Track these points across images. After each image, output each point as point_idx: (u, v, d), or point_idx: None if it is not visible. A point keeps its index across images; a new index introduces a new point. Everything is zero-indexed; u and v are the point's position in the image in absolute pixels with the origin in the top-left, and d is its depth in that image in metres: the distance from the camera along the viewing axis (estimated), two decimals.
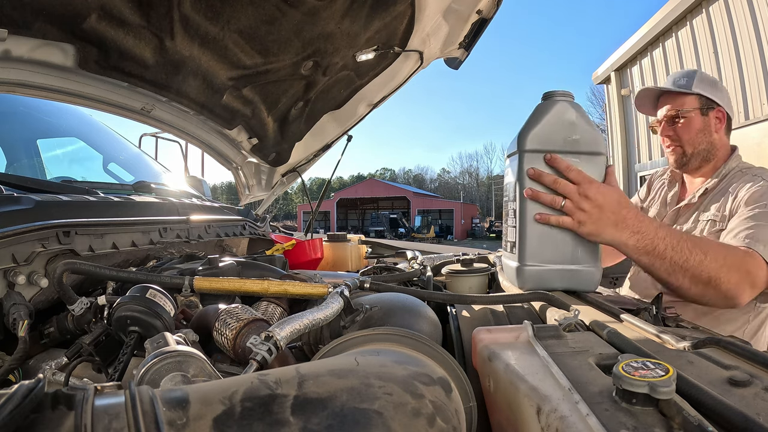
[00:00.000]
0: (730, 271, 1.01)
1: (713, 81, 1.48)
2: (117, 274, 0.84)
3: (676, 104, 1.47)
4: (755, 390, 0.44)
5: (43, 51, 1.24)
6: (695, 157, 1.46)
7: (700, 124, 1.44)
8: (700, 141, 1.45)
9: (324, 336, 0.82)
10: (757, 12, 4.11)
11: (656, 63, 5.81)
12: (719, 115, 1.45)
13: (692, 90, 1.43)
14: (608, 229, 0.94)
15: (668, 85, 1.50)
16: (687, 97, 1.45)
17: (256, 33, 1.44)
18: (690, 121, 1.44)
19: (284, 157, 2.26)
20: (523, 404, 0.48)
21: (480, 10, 1.68)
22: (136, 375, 0.51)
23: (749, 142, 4.28)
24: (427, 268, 1.39)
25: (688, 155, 1.47)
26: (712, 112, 1.44)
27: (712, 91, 1.44)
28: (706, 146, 1.45)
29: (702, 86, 1.44)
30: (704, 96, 1.43)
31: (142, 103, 1.65)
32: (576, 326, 0.71)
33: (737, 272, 1.02)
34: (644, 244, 0.96)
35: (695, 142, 1.45)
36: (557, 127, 0.94)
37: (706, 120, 1.44)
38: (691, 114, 1.44)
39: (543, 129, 0.94)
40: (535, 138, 0.95)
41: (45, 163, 1.84)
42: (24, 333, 0.72)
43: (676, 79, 1.49)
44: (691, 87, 1.44)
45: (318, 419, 0.36)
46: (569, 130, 0.94)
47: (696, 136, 1.44)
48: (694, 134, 1.44)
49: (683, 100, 1.46)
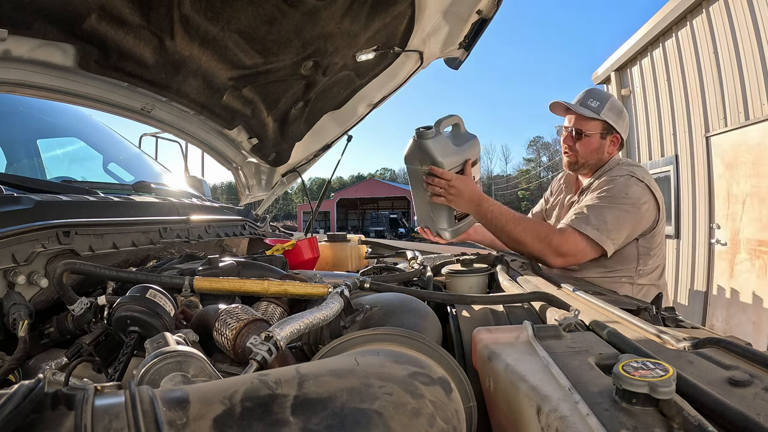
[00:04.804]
0: (534, 240, 1.52)
1: (620, 110, 1.72)
2: (117, 274, 0.84)
3: (582, 123, 1.70)
4: (755, 390, 0.44)
5: (43, 51, 1.24)
6: (584, 166, 1.75)
7: (597, 145, 1.71)
8: (592, 157, 1.72)
9: (324, 336, 0.82)
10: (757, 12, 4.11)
11: (656, 63, 5.80)
12: (614, 140, 1.72)
13: (600, 116, 1.66)
14: (463, 204, 1.55)
15: (582, 104, 1.70)
16: (594, 121, 1.68)
17: (256, 33, 1.44)
18: (589, 141, 1.70)
19: (284, 157, 2.26)
20: (523, 404, 0.48)
21: (480, 10, 1.68)
22: (136, 375, 0.51)
23: (749, 142, 4.27)
24: (427, 268, 1.39)
25: (579, 164, 1.75)
26: (609, 137, 1.71)
27: (616, 120, 1.68)
28: (595, 162, 1.73)
29: (610, 115, 1.68)
30: (608, 122, 1.68)
31: (142, 103, 1.65)
32: (576, 326, 0.71)
33: (540, 242, 1.51)
34: (481, 214, 1.57)
35: (588, 157, 1.72)
36: (424, 153, 1.51)
37: (603, 143, 1.71)
38: (592, 136, 1.70)
39: (427, 153, 1.50)
40: (421, 160, 1.54)
41: (45, 163, 1.84)
42: (24, 333, 0.72)
43: (591, 100, 1.70)
44: (600, 113, 1.67)
45: (318, 419, 0.36)
46: (437, 154, 1.51)
47: (590, 154, 1.72)
48: (589, 152, 1.72)
49: (589, 122, 1.69)
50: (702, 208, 5.05)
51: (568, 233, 1.52)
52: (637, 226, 1.55)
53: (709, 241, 4.94)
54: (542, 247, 1.52)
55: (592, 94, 1.72)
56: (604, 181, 1.61)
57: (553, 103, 1.78)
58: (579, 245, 1.51)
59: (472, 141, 1.61)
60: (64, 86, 1.39)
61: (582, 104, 1.70)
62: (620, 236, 1.52)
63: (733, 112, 4.51)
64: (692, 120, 5.17)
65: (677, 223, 5.50)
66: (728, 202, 4.62)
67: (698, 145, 5.07)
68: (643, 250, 1.60)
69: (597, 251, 1.52)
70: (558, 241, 1.51)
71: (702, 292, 5.06)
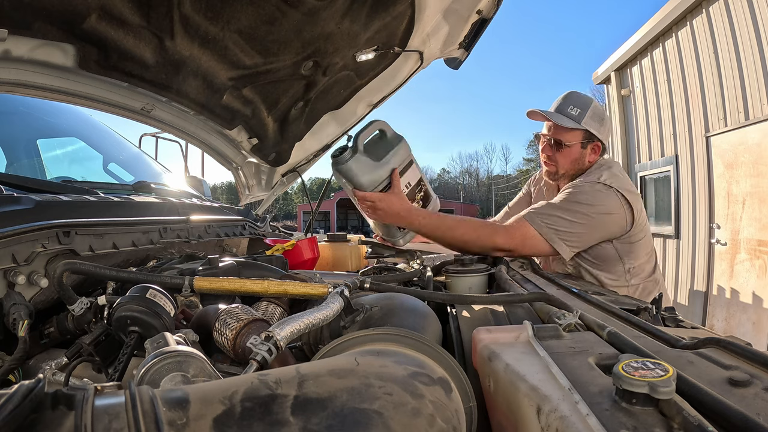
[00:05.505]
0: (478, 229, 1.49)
1: (602, 117, 1.64)
2: (117, 274, 0.84)
3: (562, 132, 1.62)
4: (755, 390, 0.44)
5: (43, 51, 1.24)
6: (564, 176, 1.70)
7: (577, 155, 1.64)
8: (573, 167, 1.67)
9: (324, 336, 0.82)
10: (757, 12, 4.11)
11: (656, 63, 5.80)
12: (596, 147, 1.65)
13: (581, 125, 1.59)
14: (393, 220, 1.55)
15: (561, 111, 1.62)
16: (574, 130, 1.60)
17: (256, 33, 1.44)
18: (569, 152, 1.64)
19: (284, 157, 2.26)
20: (523, 404, 0.48)
21: (480, 10, 1.68)
22: (136, 375, 0.51)
23: (749, 143, 4.27)
24: (427, 268, 1.39)
25: (559, 174, 1.70)
26: (591, 145, 1.64)
27: (597, 128, 1.61)
28: (575, 171, 1.67)
29: (592, 123, 1.60)
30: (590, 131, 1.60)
31: (142, 103, 1.65)
32: (576, 326, 0.71)
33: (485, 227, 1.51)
34: (414, 228, 1.56)
35: (568, 167, 1.67)
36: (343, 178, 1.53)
37: (583, 152, 1.64)
38: (572, 146, 1.63)
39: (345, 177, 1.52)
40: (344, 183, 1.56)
41: (45, 163, 1.84)
42: (24, 333, 0.72)
43: (570, 107, 1.61)
44: (581, 121, 1.59)
45: (318, 419, 0.36)
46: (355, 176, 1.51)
47: (570, 164, 1.66)
48: (569, 162, 1.66)
49: (570, 132, 1.61)
50: (702, 208, 5.05)
51: (520, 222, 1.50)
52: (598, 232, 1.51)
53: (709, 241, 4.94)
54: (489, 231, 1.49)
55: (572, 100, 1.62)
56: (573, 184, 1.57)
57: (530, 112, 1.70)
58: (528, 232, 1.47)
59: (398, 146, 1.55)
60: (64, 86, 1.39)
61: (561, 111, 1.62)
62: (577, 240, 1.49)
63: (733, 112, 4.51)
64: (692, 120, 5.18)
65: (677, 223, 5.51)
66: (728, 202, 4.62)
67: (698, 145, 5.08)
68: (623, 249, 1.56)
69: (547, 248, 1.49)
70: (505, 227, 1.50)
71: (702, 292, 5.06)
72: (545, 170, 1.74)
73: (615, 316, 0.79)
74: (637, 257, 1.58)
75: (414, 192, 1.65)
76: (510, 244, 1.47)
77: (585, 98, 1.65)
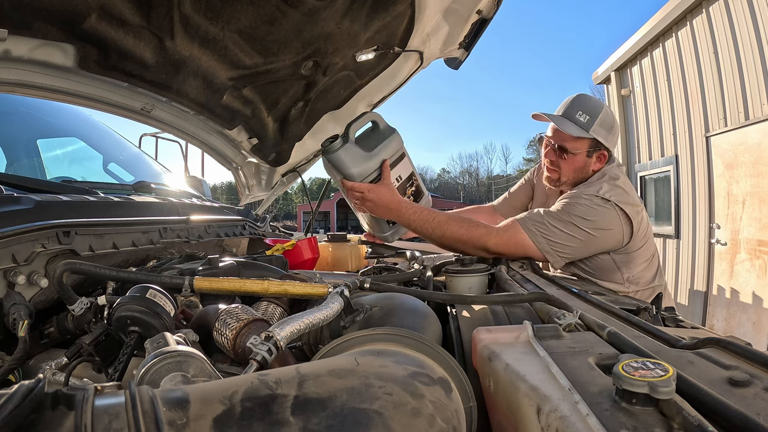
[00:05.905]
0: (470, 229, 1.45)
1: (611, 125, 1.55)
2: (117, 274, 0.84)
3: (568, 139, 1.54)
4: (755, 390, 0.44)
5: (43, 51, 1.24)
6: (566, 184, 1.63)
7: (582, 163, 1.56)
8: (576, 176, 1.59)
9: (324, 336, 0.82)
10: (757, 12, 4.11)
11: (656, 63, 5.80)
12: (601, 156, 1.56)
13: (590, 134, 1.50)
14: (382, 213, 1.52)
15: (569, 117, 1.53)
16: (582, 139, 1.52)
17: (256, 33, 1.44)
18: (574, 160, 1.56)
19: (284, 157, 2.26)
20: (523, 404, 0.48)
21: (480, 10, 1.68)
22: (136, 375, 0.51)
23: (749, 143, 4.27)
24: (427, 268, 1.39)
25: (561, 182, 1.63)
26: (596, 153, 1.55)
27: (606, 136, 1.53)
28: (578, 179, 1.60)
29: (600, 131, 1.51)
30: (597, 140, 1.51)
31: (142, 103, 1.65)
32: (576, 326, 0.71)
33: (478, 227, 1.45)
34: (404, 221, 1.52)
35: (570, 176, 1.60)
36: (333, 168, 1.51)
37: (588, 161, 1.56)
38: (578, 154, 1.55)
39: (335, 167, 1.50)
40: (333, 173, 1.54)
41: (45, 163, 1.84)
42: (24, 333, 0.72)
43: (579, 113, 1.52)
44: (589, 129, 1.50)
45: (318, 419, 0.36)
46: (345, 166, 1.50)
47: (574, 172, 1.59)
48: (572, 171, 1.59)
49: (577, 140, 1.53)
50: (702, 208, 5.05)
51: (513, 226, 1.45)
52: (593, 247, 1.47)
53: (709, 241, 4.94)
54: (482, 232, 1.44)
55: (581, 105, 1.53)
56: (571, 194, 1.50)
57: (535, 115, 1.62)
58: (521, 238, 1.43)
59: (390, 138, 1.53)
60: (64, 86, 1.39)
61: (569, 116, 1.53)
62: (570, 253, 1.45)
63: (733, 112, 4.51)
64: (692, 120, 5.18)
65: (677, 223, 5.51)
66: (728, 202, 4.62)
67: (698, 145, 5.08)
68: (621, 260, 1.51)
69: (538, 256, 1.45)
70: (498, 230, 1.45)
71: (702, 292, 5.06)
72: (546, 176, 1.67)
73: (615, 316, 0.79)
74: (636, 266, 1.54)
75: (405, 186, 1.62)
76: (501, 247, 1.44)
77: (594, 103, 1.56)
